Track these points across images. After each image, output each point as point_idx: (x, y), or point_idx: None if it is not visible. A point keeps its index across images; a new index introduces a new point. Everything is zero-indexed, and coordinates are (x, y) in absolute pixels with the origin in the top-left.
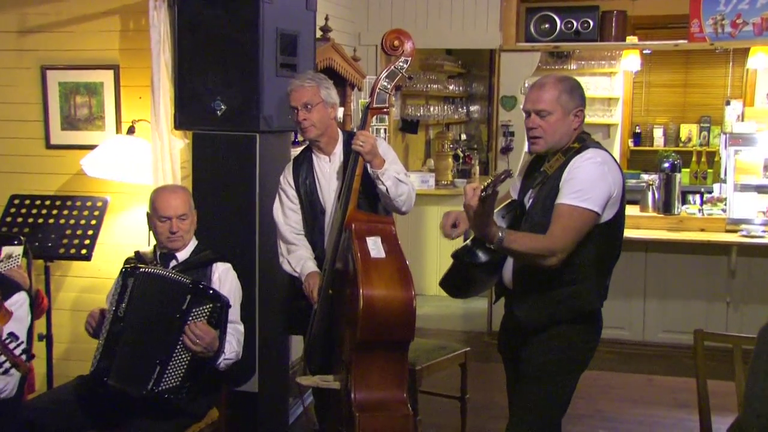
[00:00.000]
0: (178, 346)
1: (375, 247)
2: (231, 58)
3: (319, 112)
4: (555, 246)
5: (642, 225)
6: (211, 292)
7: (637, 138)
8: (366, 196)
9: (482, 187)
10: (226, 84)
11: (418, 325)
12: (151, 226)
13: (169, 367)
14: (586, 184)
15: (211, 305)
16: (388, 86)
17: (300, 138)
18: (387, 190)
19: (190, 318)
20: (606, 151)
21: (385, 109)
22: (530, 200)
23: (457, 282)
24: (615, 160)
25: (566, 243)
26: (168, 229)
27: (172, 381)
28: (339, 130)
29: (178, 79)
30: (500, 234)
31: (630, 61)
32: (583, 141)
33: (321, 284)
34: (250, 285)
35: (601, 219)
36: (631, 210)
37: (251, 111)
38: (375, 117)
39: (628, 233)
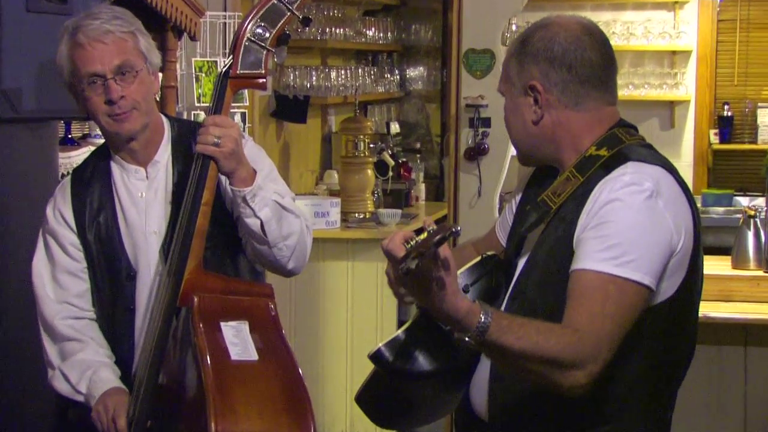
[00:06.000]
0: None
1: (238, 340)
2: None
3: (143, 84)
4: (584, 348)
5: (737, 293)
6: None
7: (725, 127)
8: (219, 242)
9: (405, 251)
10: None
11: None
12: None
13: None
14: (628, 234)
15: None
16: (267, 36)
17: (77, 133)
18: (262, 227)
19: None
20: (659, 162)
21: (259, 79)
22: (522, 260)
23: (384, 402)
24: (678, 180)
25: (602, 344)
26: None
27: None
28: (163, 116)
29: None
30: (482, 315)
31: None
32: (615, 143)
33: (131, 413)
34: None
35: (656, 297)
36: (715, 266)
37: None
38: (236, 92)
39: (714, 310)
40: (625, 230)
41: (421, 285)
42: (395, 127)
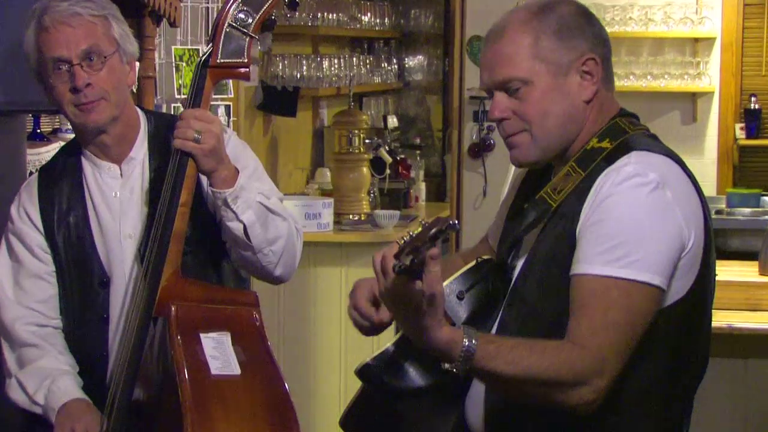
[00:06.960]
0: None
1: (219, 353)
2: None
3: (113, 72)
4: (585, 362)
5: (765, 302)
6: None
7: (752, 121)
8: (201, 246)
9: (398, 247)
10: None
11: None
12: None
13: None
14: (630, 230)
15: None
16: (250, 21)
17: (47, 128)
18: (245, 231)
19: None
20: (665, 152)
21: (241, 69)
22: (520, 262)
23: (372, 424)
24: (686, 172)
25: (606, 356)
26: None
27: None
28: (139, 110)
29: None
30: (465, 342)
31: None
32: (619, 133)
33: (101, 430)
34: None
35: (666, 298)
36: (741, 272)
37: None
38: (216, 83)
39: (740, 320)
40: (627, 226)
41: (410, 299)
42: (393, 121)
